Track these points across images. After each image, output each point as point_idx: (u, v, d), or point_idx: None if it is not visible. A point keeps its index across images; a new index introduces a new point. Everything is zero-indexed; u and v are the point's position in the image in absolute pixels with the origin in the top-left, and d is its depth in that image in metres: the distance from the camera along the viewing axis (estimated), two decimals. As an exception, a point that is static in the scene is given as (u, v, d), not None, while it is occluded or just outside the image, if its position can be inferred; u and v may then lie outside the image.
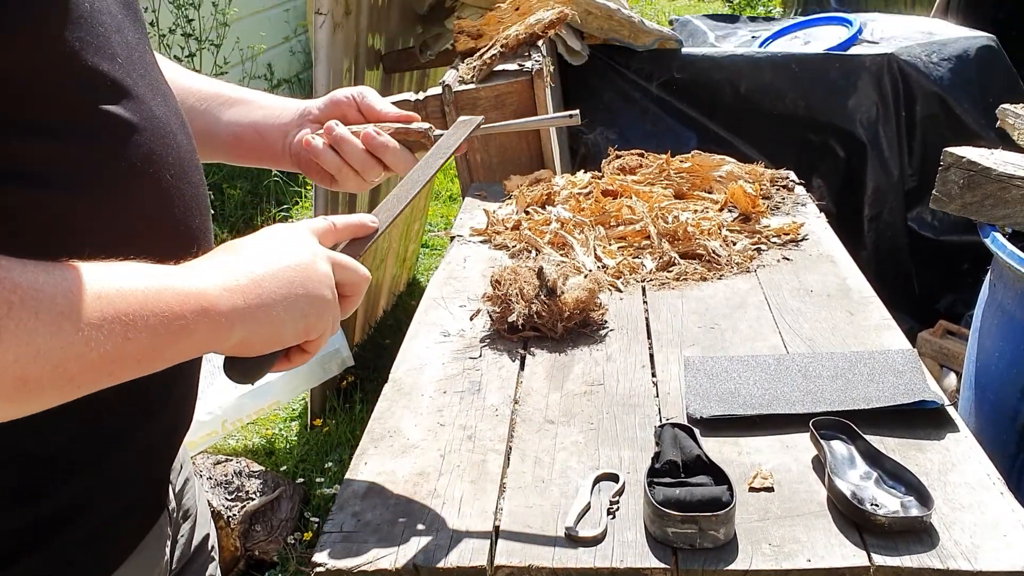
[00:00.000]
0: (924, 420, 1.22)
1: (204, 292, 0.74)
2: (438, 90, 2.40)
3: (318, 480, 2.88)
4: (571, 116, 1.21)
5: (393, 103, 1.21)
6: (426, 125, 1.15)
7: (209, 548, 1.09)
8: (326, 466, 2.98)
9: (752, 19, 4.51)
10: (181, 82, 1.11)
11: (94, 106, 0.76)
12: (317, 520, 2.68)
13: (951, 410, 1.24)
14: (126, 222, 0.78)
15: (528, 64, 2.43)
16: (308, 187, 5.08)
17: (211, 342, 0.75)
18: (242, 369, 0.83)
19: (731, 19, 4.33)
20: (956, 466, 1.13)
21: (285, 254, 0.82)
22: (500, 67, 2.45)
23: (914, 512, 1.03)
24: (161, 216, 0.82)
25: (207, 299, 0.73)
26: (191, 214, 0.86)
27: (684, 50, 3.30)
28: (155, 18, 4.97)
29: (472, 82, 2.40)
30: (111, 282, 0.68)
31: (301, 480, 2.88)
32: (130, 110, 0.79)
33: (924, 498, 1.04)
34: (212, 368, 2.95)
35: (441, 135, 1.16)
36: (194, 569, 1.05)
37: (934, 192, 1.78)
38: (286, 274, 0.80)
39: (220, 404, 2.85)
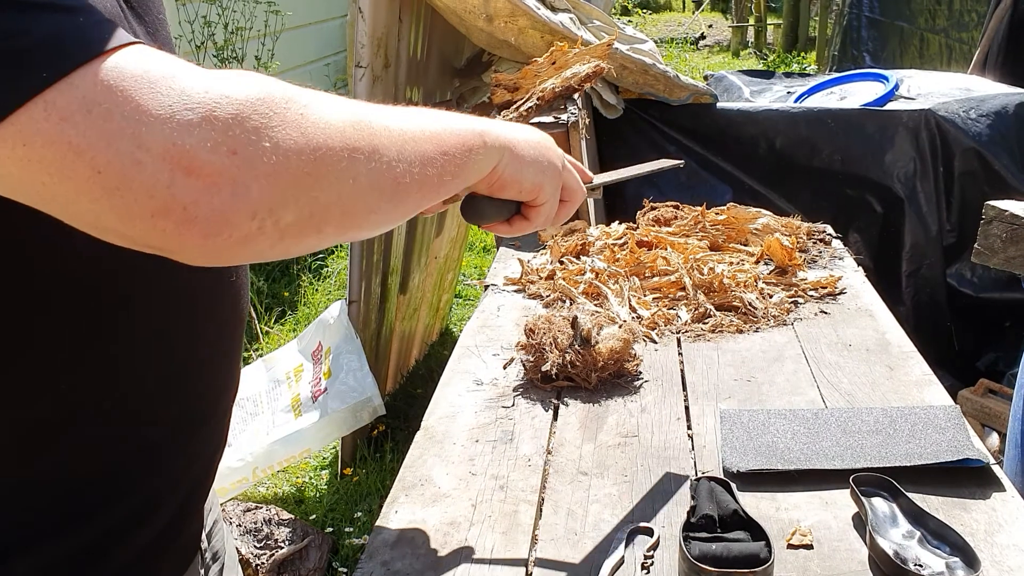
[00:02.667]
0: (968, 479, 1.19)
1: (482, 127, 0.87)
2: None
3: (347, 530, 2.86)
4: (679, 164, 1.38)
5: None
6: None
7: (237, 593, 1.08)
8: (355, 516, 2.96)
9: (787, 75, 4.53)
10: None
11: None
12: (345, 570, 2.65)
13: (996, 469, 1.21)
14: (162, 261, 0.79)
15: (564, 116, 2.45)
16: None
17: (485, 164, 0.87)
18: (478, 208, 0.97)
19: (766, 75, 4.35)
20: (1003, 527, 1.10)
21: (535, 133, 0.98)
22: (536, 119, 2.47)
23: (960, 574, 0.99)
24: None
25: (483, 130, 0.87)
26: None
27: (719, 104, 3.32)
28: (199, 71, 5.09)
29: (508, 134, 2.42)
30: (429, 122, 0.79)
31: (330, 529, 2.86)
32: None
33: (971, 559, 1.00)
34: (244, 415, 2.97)
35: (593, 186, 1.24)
36: (222, 613, 1.04)
37: (976, 246, 1.75)
38: (532, 140, 0.96)
39: (251, 451, 2.85)
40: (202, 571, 0.97)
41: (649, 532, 1.11)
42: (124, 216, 0.58)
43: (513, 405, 1.45)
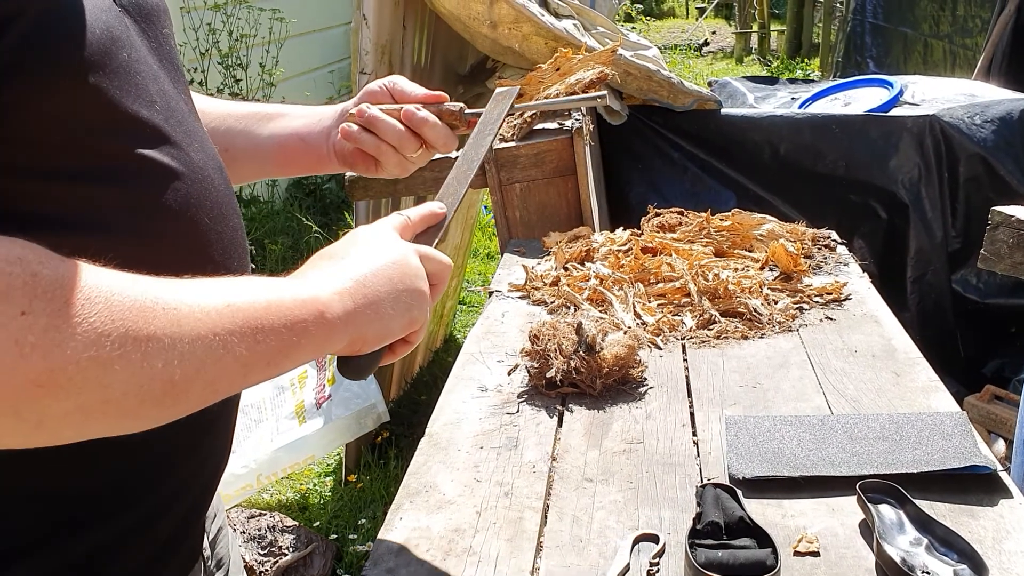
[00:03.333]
0: (975, 485, 1.18)
1: (318, 298, 0.77)
2: (478, 147, 2.42)
3: (351, 536, 2.85)
4: (598, 97, 1.25)
5: (433, 161, 1.23)
6: (458, 105, 1.16)
7: (241, 600, 1.08)
8: (359, 523, 2.96)
9: (791, 81, 4.53)
10: (218, 108, 1.15)
11: (133, 151, 0.77)
12: (349, 577, 2.65)
13: (1004, 475, 1.20)
14: (166, 265, 0.79)
15: (568, 123, 2.45)
16: (348, 243, 5.12)
17: (327, 343, 0.79)
18: (355, 366, 0.88)
19: (770, 81, 4.36)
20: (1011, 534, 1.09)
21: (381, 254, 0.86)
22: (540, 125, 2.47)
23: (968, 581, 0.99)
24: (201, 259, 0.83)
25: (321, 303, 0.77)
26: (230, 257, 0.87)
27: (723, 111, 3.32)
28: (204, 78, 5.11)
29: (513, 140, 2.42)
30: (238, 293, 0.72)
31: (334, 536, 2.85)
32: (168, 155, 0.80)
33: (978, 567, 1.00)
34: (249, 421, 2.97)
35: (475, 113, 1.17)
36: (227, 620, 1.03)
37: (982, 252, 1.75)
38: (387, 272, 0.85)
39: (255, 458, 2.84)
40: (205, 578, 0.97)
41: (655, 539, 1.11)
42: None
43: (518, 412, 1.45)
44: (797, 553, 1.07)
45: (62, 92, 0.70)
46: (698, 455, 1.30)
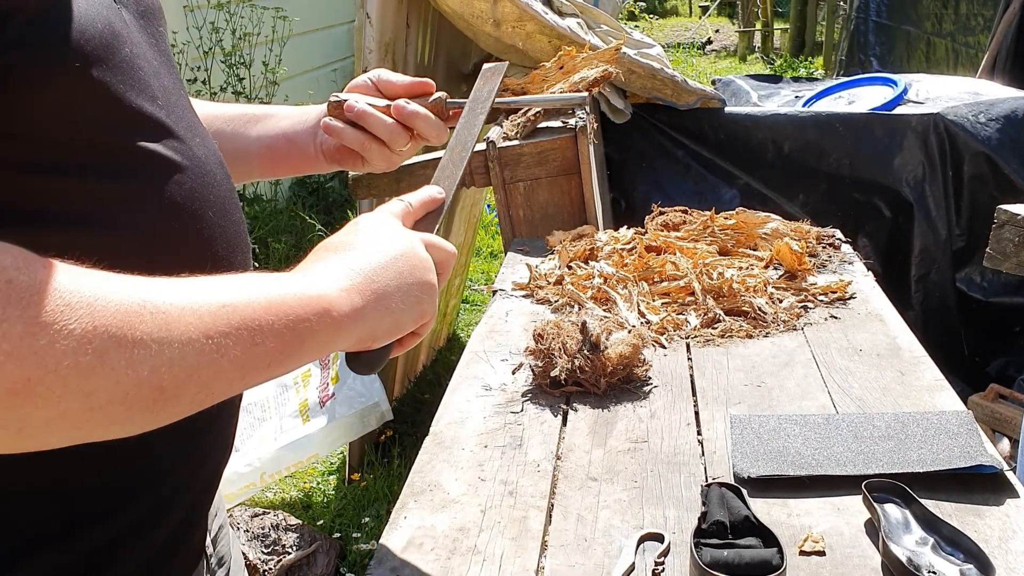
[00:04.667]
0: (981, 485, 1.18)
1: (324, 295, 0.75)
2: (482, 146, 2.42)
3: (354, 535, 2.85)
4: (580, 99, 1.30)
5: (434, 158, 1.22)
6: (440, 95, 1.15)
7: (244, 599, 1.08)
8: (363, 521, 2.96)
9: (795, 79, 4.52)
10: (207, 110, 1.14)
11: (138, 145, 0.77)
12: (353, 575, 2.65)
13: (1010, 475, 1.20)
14: (170, 260, 0.79)
15: (572, 121, 2.45)
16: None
17: (334, 342, 0.76)
18: (365, 361, 0.86)
19: (774, 79, 4.35)
20: (1017, 533, 1.09)
21: (388, 246, 0.84)
22: (544, 124, 2.47)
23: (974, 581, 0.98)
24: (204, 253, 0.83)
25: (327, 301, 0.74)
26: (233, 252, 0.87)
27: (727, 109, 3.31)
28: (207, 77, 5.11)
29: (516, 138, 2.42)
30: (235, 292, 0.69)
31: (338, 535, 2.85)
32: (172, 149, 0.80)
33: (985, 566, 0.99)
34: (252, 420, 2.97)
35: (457, 103, 1.16)
36: (230, 618, 1.03)
37: (988, 250, 1.75)
38: (396, 265, 0.82)
39: (259, 456, 2.85)
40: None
41: (659, 538, 1.10)
42: None
43: (522, 410, 1.45)
44: (803, 552, 1.06)
45: (65, 87, 0.70)
46: (703, 454, 1.29)
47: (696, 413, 1.41)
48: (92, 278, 0.62)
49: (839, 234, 2.12)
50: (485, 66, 1.23)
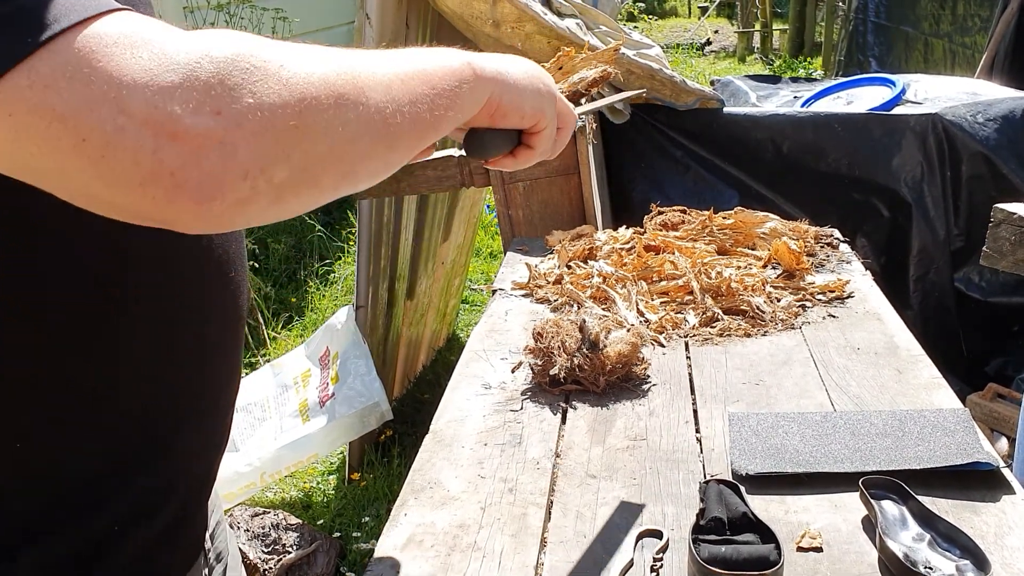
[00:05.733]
0: (978, 482, 1.19)
1: (473, 60, 0.83)
2: (482, 146, 2.43)
3: (355, 535, 2.86)
4: (637, 92, 1.32)
5: (437, 159, 1.23)
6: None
7: (242, 595, 1.09)
8: (363, 520, 2.96)
9: (794, 80, 4.53)
10: None
11: None
12: (353, 575, 2.65)
13: (1007, 472, 1.20)
14: (170, 254, 0.79)
15: (571, 121, 2.45)
16: (351, 242, 5.15)
17: (479, 97, 0.83)
18: (481, 142, 0.92)
19: (773, 80, 4.35)
20: (1013, 529, 1.09)
21: (523, 61, 0.93)
22: (543, 124, 2.47)
23: (970, 576, 0.99)
24: (199, 247, 0.84)
25: (477, 63, 0.83)
26: (228, 241, 0.88)
27: (726, 109, 3.32)
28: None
29: (515, 139, 2.43)
30: (407, 59, 0.76)
31: (338, 534, 2.86)
32: None
33: (981, 562, 1.00)
34: (252, 420, 2.97)
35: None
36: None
37: (984, 249, 1.75)
38: (523, 66, 0.92)
39: (259, 456, 2.85)
40: (205, 571, 0.97)
41: (658, 535, 1.11)
42: (112, 185, 0.57)
43: (521, 409, 1.46)
44: (800, 549, 1.07)
45: None
46: (701, 451, 1.30)
47: (695, 411, 1.42)
48: (322, 51, 0.68)
49: (837, 234, 2.13)
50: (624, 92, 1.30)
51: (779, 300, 1.78)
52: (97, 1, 0.59)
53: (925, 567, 1.01)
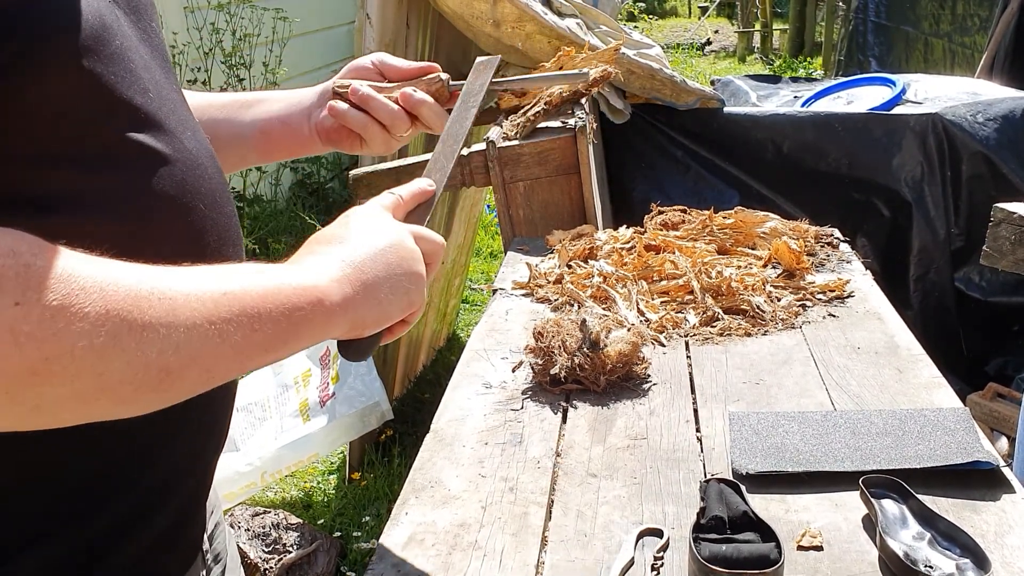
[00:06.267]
0: (978, 481, 1.19)
1: (316, 285, 0.78)
2: (482, 146, 2.43)
3: (355, 534, 2.86)
4: (581, 73, 1.29)
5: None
6: (444, 76, 1.17)
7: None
8: (363, 520, 2.96)
9: (794, 79, 4.53)
10: (200, 100, 1.15)
11: (127, 137, 0.78)
12: (353, 574, 2.66)
13: (1007, 471, 1.21)
14: (163, 251, 0.79)
15: (571, 121, 2.46)
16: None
17: (327, 330, 0.79)
18: (356, 349, 0.89)
19: (773, 79, 4.36)
20: (1013, 528, 1.10)
21: (378, 238, 0.86)
22: (544, 124, 2.48)
23: (971, 575, 0.99)
24: (196, 245, 0.83)
25: (320, 291, 0.78)
26: (224, 244, 0.88)
27: (726, 109, 3.32)
28: (207, 77, 5.12)
29: (516, 139, 2.43)
30: (235, 281, 0.72)
31: (338, 534, 2.86)
32: (162, 142, 0.81)
33: (981, 561, 1.00)
34: (253, 420, 2.97)
35: (458, 84, 1.17)
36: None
37: (984, 248, 1.76)
38: (384, 257, 0.85)
39: (259, 456, 2.86)
40: (204, 572, 0.97)
41: (659, 533, 1.11)
42: None
43: (522, 408, 1.46)
44: (800, 547, 1.07)
45: (56, 78, 0.70)
46: (702, 451, 1.30)
47: (695, 410, 1.42)
48: (102, 264, 0.65)
49: (837, 233, 2.13)
50: (478, 60, 1.25)
51: (779, 299, 1.78)
52: None
53: (925, 566, 1.02)
